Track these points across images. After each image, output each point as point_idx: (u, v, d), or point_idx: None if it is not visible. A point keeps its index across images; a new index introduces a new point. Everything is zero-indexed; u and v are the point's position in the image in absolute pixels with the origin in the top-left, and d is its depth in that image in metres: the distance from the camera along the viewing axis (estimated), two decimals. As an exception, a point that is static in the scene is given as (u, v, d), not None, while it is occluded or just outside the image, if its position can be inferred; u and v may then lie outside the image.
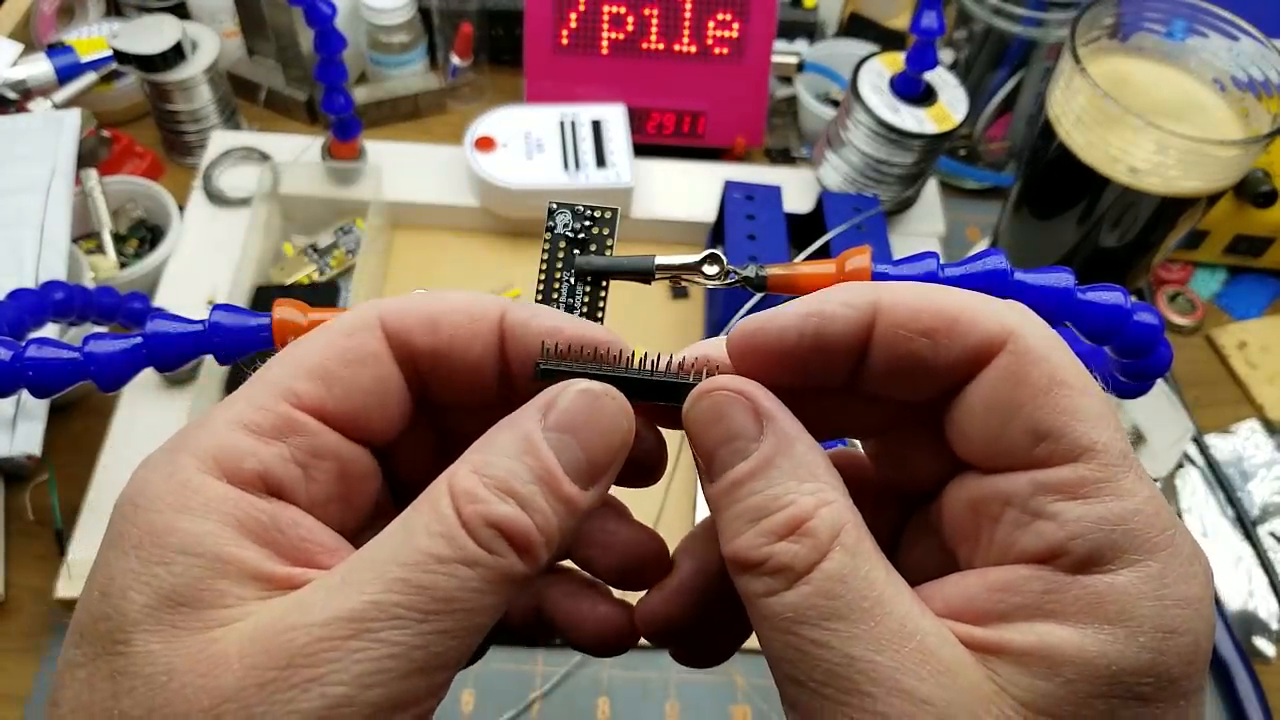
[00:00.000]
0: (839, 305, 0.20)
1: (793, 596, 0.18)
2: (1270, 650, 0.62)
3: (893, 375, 0.21)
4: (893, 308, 0.20)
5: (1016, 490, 0.19)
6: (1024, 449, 0.19)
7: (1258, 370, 0.74)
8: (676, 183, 0.76)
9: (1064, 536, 0.18)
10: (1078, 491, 0.18)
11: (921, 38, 0.65)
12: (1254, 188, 0.72)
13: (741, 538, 0.19)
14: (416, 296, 0.22)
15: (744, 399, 0.21)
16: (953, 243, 0.79)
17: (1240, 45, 0.61)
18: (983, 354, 0.20)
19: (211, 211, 0.72)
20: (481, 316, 0.22)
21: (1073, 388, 0.19)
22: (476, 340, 0.22)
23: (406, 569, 0.18)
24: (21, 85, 0.72)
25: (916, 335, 0.20)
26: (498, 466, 0.19)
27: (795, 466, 0.20)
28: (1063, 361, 0.19)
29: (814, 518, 0.19)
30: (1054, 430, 0.19)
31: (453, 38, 0.83)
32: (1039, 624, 0.18)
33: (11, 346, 0.31)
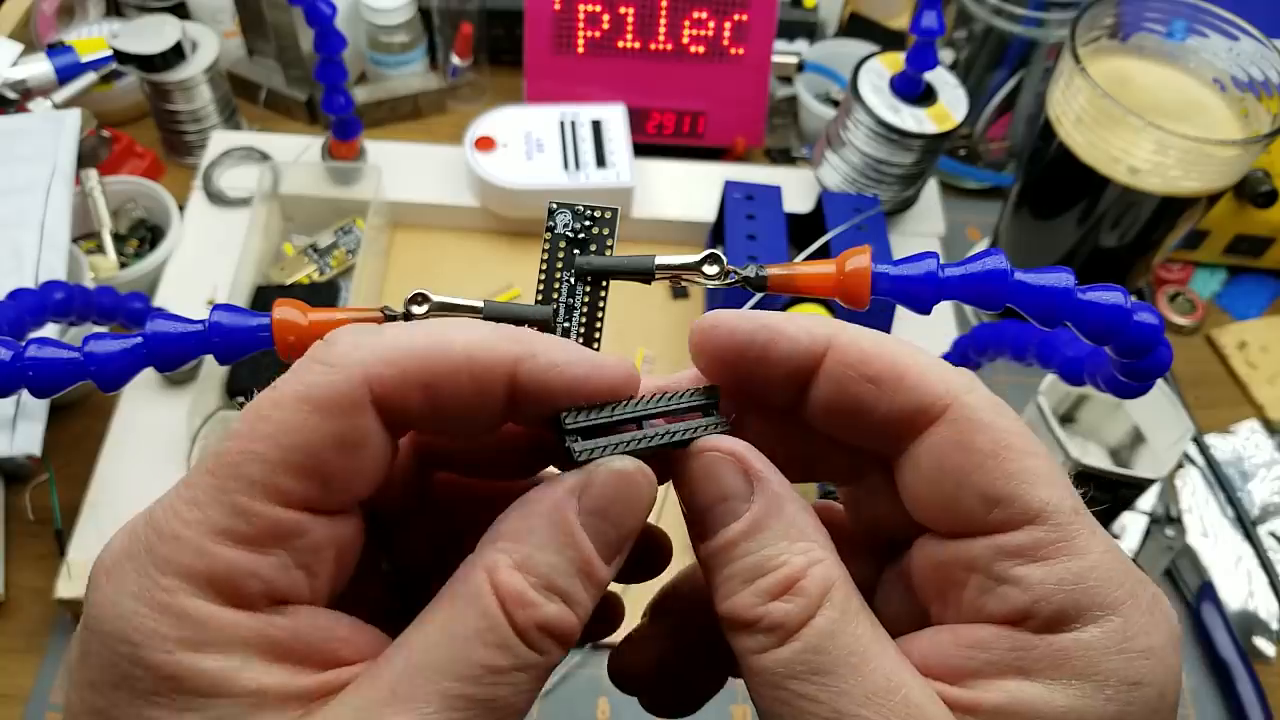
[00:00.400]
0: (796, 328, 0.21)
1: (784, 653, 0.19)
2: (1270, 650, 0.62)
3: (835, 413, 0.21)
4: (846, 347, 0.21)
5: (978, 555, 0.20)
6: (978, 515, 0.20)
7: (1258, 370, 0.74)
8: (676, 183, 0.76)
9: (1030, 600, 0.19)
10: (1036, 554, 0.19)
11: (921, 38, 0.65)
12: (1254, 188, 0.72)
13: (737, 597, 0.20)
14: (406, 346, 0.19)
15: (734, 459, 0.21)
16: (953, 243, 0.79)
17: (1240, 45, 0.61)
18: (923, 414, 0.20)
19: (211, 211, 0.72)
20: (488, 376, 0.19)
21: (1019, 451, 0.19)
22: (483, 407, 0.20)
23: (465, 684, 0.18)
24: (21, 85, 0.72)
25: (862, 379, 0.20)
26: (541, 563, 0.19)
27: (786, 527, 0.20)
28: (1007, 426, 0.20)
29: (805, 577, 0.19)
30: (1005, 495, 0.19)
31: (453, 37, 0.83)
32: (1009, 681, 0.19)
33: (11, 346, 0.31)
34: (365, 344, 0.19)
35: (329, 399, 0.18)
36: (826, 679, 0.18)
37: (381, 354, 0.19)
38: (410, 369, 0.19)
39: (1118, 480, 0.57)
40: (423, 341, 0.19)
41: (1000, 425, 0.20)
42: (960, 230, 0.81)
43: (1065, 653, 0.18)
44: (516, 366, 0.20)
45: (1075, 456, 0.56)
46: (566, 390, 0.20)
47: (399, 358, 0.19)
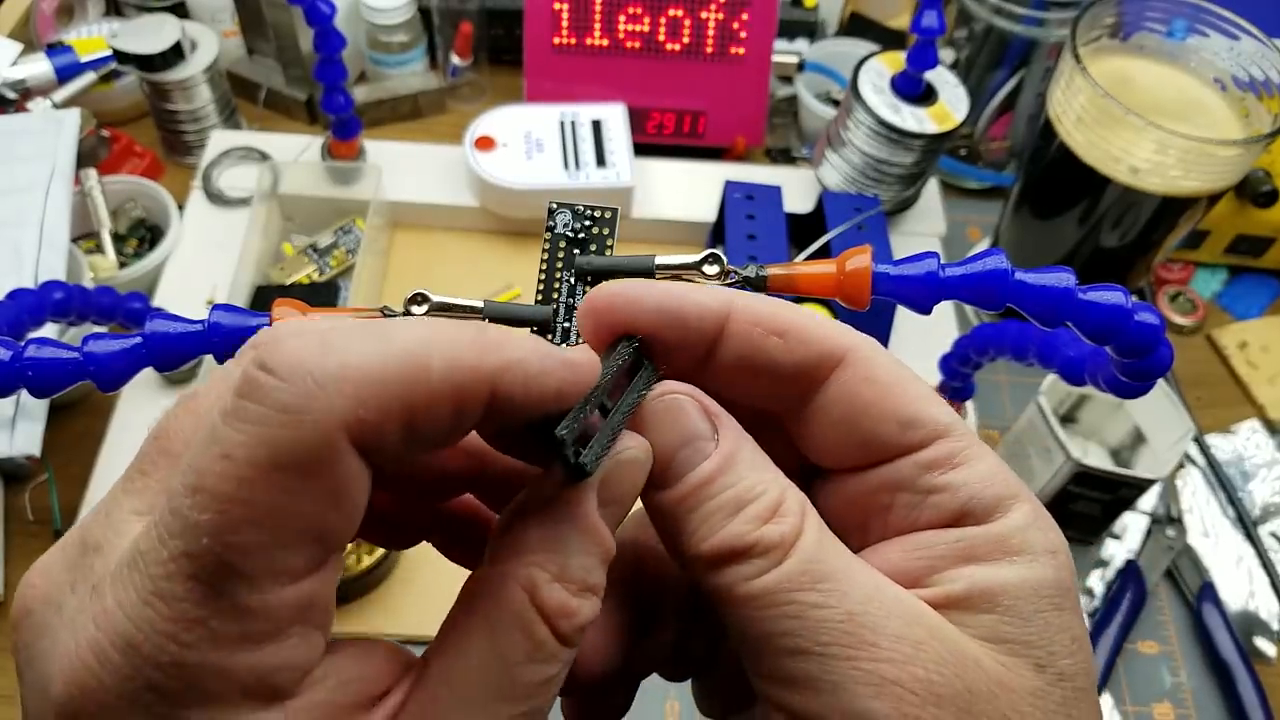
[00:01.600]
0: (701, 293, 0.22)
1: (785, 569, 0.20)
2: (1271, 650, 0.61)
3: (742, 372, 0.22)
4: (747, 306, 0.22)
5: (903, 476, 0.21)
6: (894, 438, 0.21)
7: (1258, 370, 0.74)
8: (676, 183, 0.76)
9: (962, 499, 0.21)
10: (952, 462, 0.21)
11: (922, 37, 0.65)
12: (1255, 187, 0.72)
13: (725, 530, 0.20)
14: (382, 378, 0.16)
15: (696, 401, 0.21)
16: (953, 242, 0.79)
17: (1241, 45, 0.61)
18: (828, 359, 0.22)
19: (211, 211, 0.72)
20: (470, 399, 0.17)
21: (911, 381, 0.22)
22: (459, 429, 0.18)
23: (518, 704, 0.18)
24: (21, 85, 0.72)
25: (768, 333, 0.22)
26: (577, 568, 0.20)
27: (753, 458, 0.21)
28: (895, 363, 0.22)
29: (786, 500, 0.21)
30: (915, 417, 0.21)
31: (453, 37, 0.83)
32: (964, 569, 0.20)
33: (11, 346, 0.31)
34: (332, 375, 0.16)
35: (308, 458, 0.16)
36: (829, 584, 0.19)
37: (356, 388, 0.16)
38: (391, 406, 0.16)
39: (1119, 480, 0.57)
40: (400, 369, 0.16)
41: (890, 365, 0.22)
42: (961, 230, 0.81)
43: (1001, 536, 0.21)
44: (496, 383, 0.18)
45: (1076, 457, 0.56)
46: (546, 400, 0.19)
47: (377, 394, 0.16)
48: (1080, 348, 0.43)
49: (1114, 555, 0.64)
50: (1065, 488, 0.58)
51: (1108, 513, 0.61)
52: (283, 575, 0.16)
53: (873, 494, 0.22)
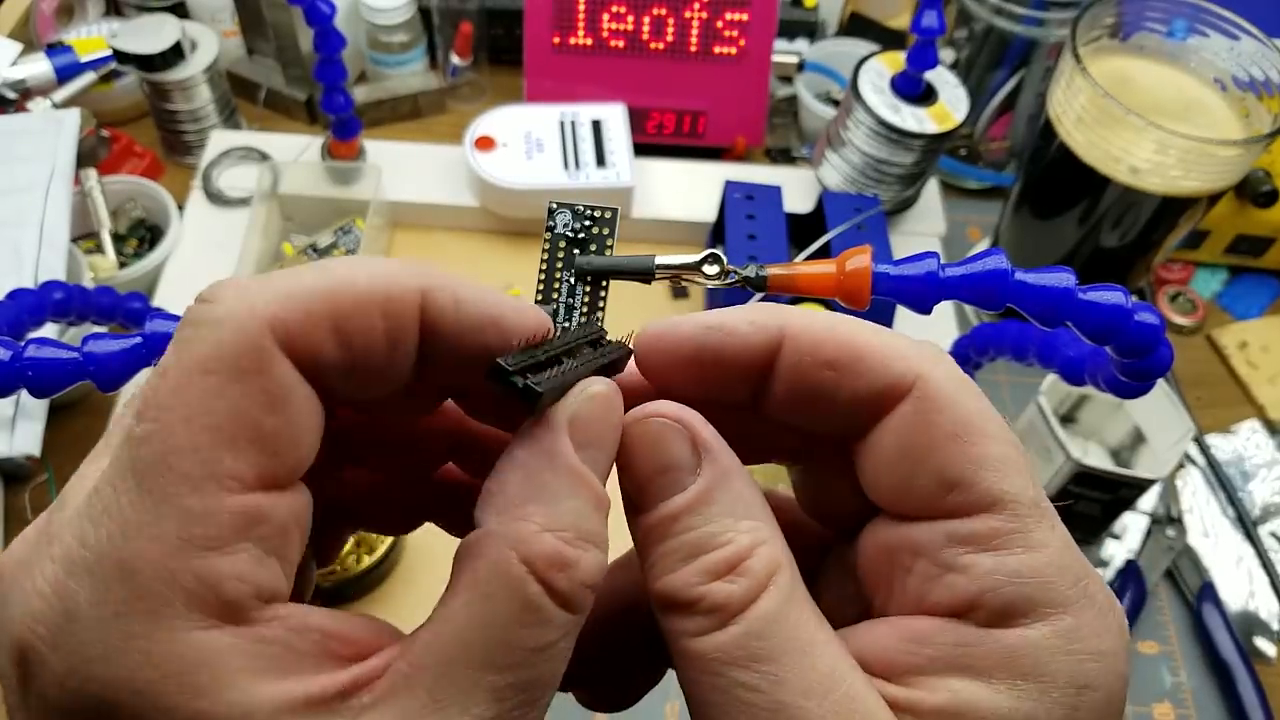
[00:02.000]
0: (745, 324, 0.20)
1: (723, 637, 0.18)
2: (1271, 650, 0.61)
3: (797, 403, 0.20)
4: (799, 334, 0.20)
5: (928, 540, 0.19)
6: (934, 498, 0.19)
7: (1258, 370, 0.74)
8: (676, 183, 0.76)
9: (976, 590, 0.18)
10: (989, 544, 0.18)
11: (922, 37, 0.65)
12: (1255, 187, 0.72)
13: (675, 575, 0.19)
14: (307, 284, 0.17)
15: (682, 427, 0.20)
16: (953, 242, 0.79)
17: (1241, 45, 0.61)
18: (888, 396, 0.19)
19: (211, 211, 0.72)
20: (399, 308, 0.18)
21: (982, 434, 0.19)
22: (399, 343, 0.18)
23: (509, 672, 0.17)
24: (21, 85, 0.72)
25: (820, 366, 0.19)
26: (567, 513, 0.18)
27: (733, 502, 0.19)
28: (972, 407, 0.19)
29: (751, 557, 0.18)
30: (963, 480, 0.18)
31: (452, 37, 0.83)
32: (952, 679, 0.18)
33: (11, 346, 0.31)
34: (254, 289, 0.17)
35: (236, 358, 0.16)
36: (768, 667, 0.17)
37: (278, 295, 0.17)
38: (314, 308, 0.17)
39: (1119, 480, 0.57)
40: (324, 278, 0.17)
41: (964, 405, 0.19)
42: (961, 230, 0.81)
43: (1012, 651, 0.18)
44: (425, 299, 0.18)
45: (1076, 457, 0.56)
46: (482, 327, 0.18)
47: (300, 296, 0.17)
48: (1080, 348, 0.43)
49: (1114, 555, 0.64)
50: (1065, 488, 0.58)
51: (1108, 513, 0.61)
52: (226, 480, 0.16)
53: (900, 550, 0.19)
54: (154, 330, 0.30)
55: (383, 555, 0.56)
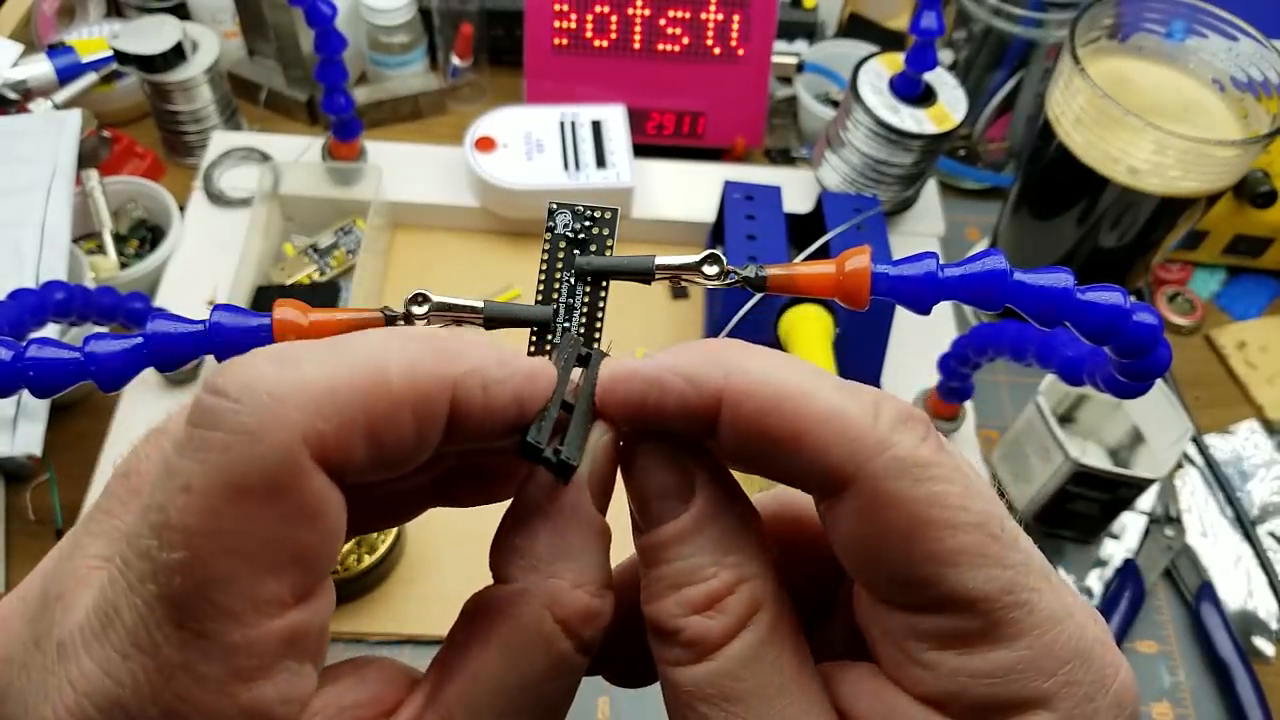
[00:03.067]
0: (682, 381, 0.19)
1: (697, 672, 0.18)
2: (1269, 650, 0.62)
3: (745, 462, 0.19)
4: (737, 400, 0.18)
5: (893, 628, 0.18)
6: (894, 593, 0.18)
7: (1257, 370, 0.74)
8: (676, 183, 0.76)
9: (943, 689, 0.17)
10: (955, 643, 0.17)
11: (921, 38, 0.65)
12: (1253, 188, 0.72)
13: (660, 603, 0.19)
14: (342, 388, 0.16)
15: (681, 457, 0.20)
16: (952, 243, 0.79)
17: (1239, 46, 0.61)
18: (830, 484, 0.18)
19: (212, 212, 0.72)
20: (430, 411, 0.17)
21: (940, 527, 0.17)
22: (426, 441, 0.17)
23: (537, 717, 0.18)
24: (22, 85, 0.72)
25: (757, 437, 0.18)
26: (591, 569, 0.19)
27: (721, 536, 0.19)
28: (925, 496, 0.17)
29: (732, 594, 0.18)
30: (918, 580, 0.17)
31: (453, 38, 0.83)
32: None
33: (12, 346, 0.31)
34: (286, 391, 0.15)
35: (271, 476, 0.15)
36: (734, 707, 0.18)
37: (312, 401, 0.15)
38: (351, 418, 0.16)
39: (1117, 480, 0.57)
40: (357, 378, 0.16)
41: (916, 498, 0.17)
42: (960, 230, 0.81)
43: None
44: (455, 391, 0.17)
45: (1074, 457, 0.56)
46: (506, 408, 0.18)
47: (335, 405, 0.16)
48: (1079, 348, 0.43)
49: (1112, 555, 0.64)
50: (1064, 487, 0.58)
51: (1106, 512, 0.61)
52: (267, 605, 0.15)
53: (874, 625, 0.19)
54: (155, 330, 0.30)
55: (382, 555, 0.56)
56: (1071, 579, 0.64)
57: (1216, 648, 0.60)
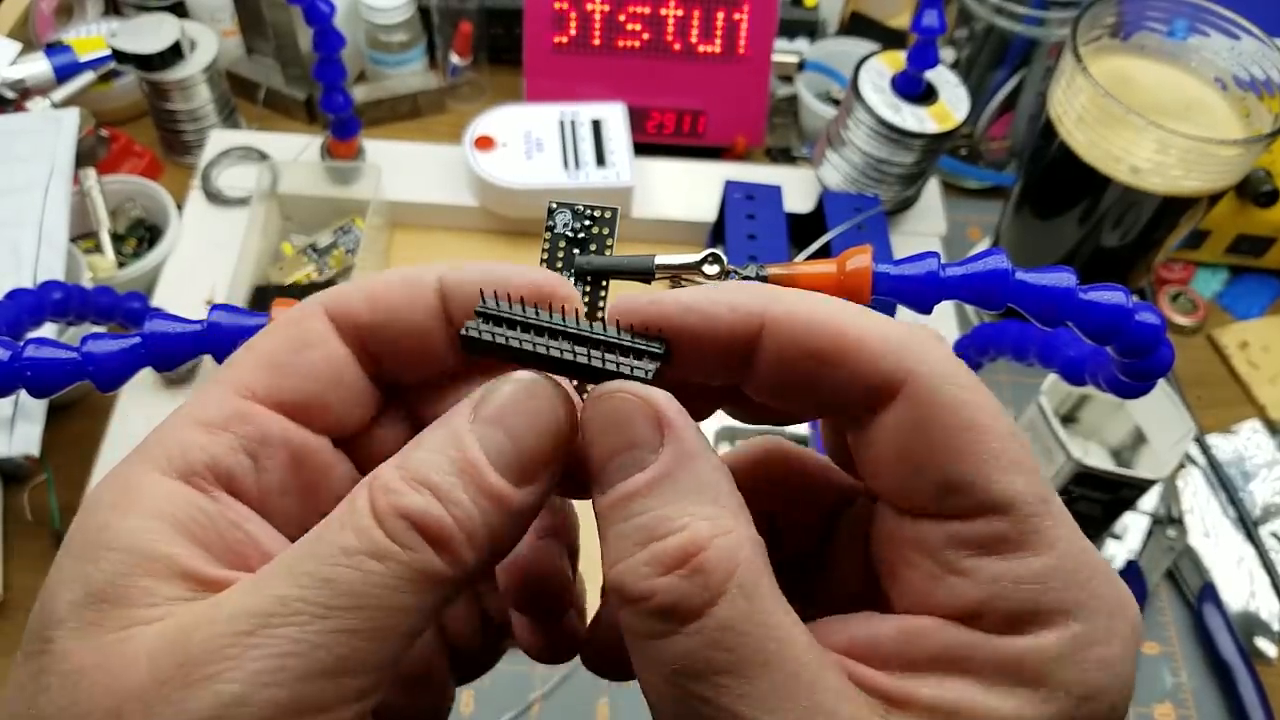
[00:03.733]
0: (724, 307, 0.19)
1: (682, 645, 0.17)
2: (1272, 651, 0.61)
3: (781, 392, 0.19)
4: (780, 322, 0.19)
5: (931, 540, 0.18)
6: (935, 500, 0.18)
7: (1259, 370, 0.74)
8: (676, 182, 0.76)
9: (982, 596, 0.17)
10: (995, 548, 0.17)
11: (923, 36, 0.65)
12: (1256, 187, 0.72)
13: (625, 562, 0.18)
14: (359, 279, 0.21)
15: (647, 405, 0.19)
16: (954, 242, 0.79)
17: (1242, 44, 0.61)
18: (877, 393, 0.18)
19: (210, 211, 0.72)
20: (418, 282, 0.21)
21: (983, 431, 0.18)
22: (417, 307, 0.21)
23: (313, 562, 0.17)
24: (20, 84, 0.72)
25: (803, 358, 0.18)
26: (418, 460, 0.18)
27: (695, 485, 0.18)
28: (969, 400, 0.18)
29: (708, 548, 0.17)
30: (964, 483, 0.17)
31: (452, 36, 0.83)
32: (950, 679, 0.17)
33: (10, 346, 0.31)
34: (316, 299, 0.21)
35: (289, 314, 0.21)
36: (729, 680, 0.16)
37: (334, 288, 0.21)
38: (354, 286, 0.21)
39: (1119, 481, 0.57)
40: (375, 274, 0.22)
41: (961, 402, 0.18)
42: (961, 230, 0.81)
43: (1017, 658, 0.17)
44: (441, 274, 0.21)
45: (1077, 457, 0.56)
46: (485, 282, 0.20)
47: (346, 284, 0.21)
48: (1081, 348, 0.43)
49: (1115, 556, 0.64)
50: (1066, 488, 0.58)
51: (1108, 513, 0.61)
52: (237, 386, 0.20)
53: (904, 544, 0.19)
54: (153, 330, 0.30)
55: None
56: (1073, 579, 0.63)
57: (1219, 649, 0.60)
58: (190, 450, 0.19)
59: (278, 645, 0.16)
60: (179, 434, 0.19)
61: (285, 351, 0.20)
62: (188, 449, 0.19)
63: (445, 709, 0.24)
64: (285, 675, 0.16)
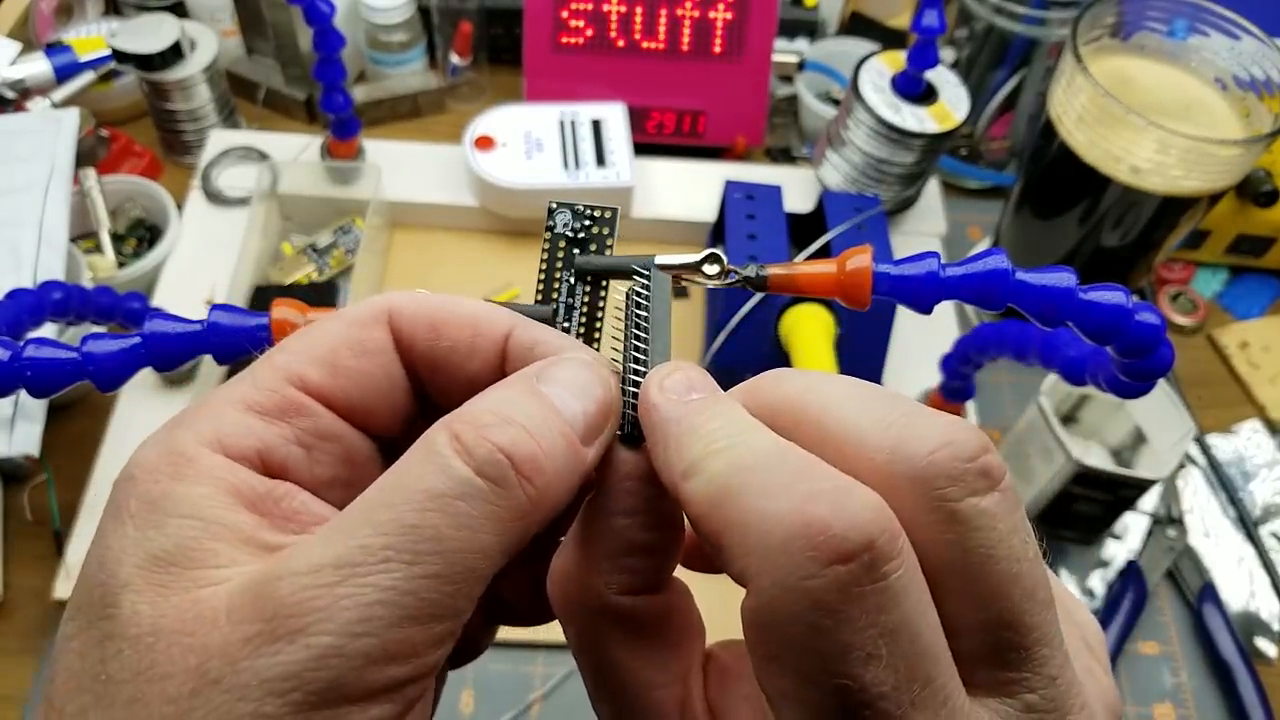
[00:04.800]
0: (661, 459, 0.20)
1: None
2: (1272, 651, 0.61)
3: None
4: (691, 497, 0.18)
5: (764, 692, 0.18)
6: None
7: (1259, 370, 0.74)
8: (676, 182, 0.76)
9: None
10: None
11: (923, 36, 0.65)
12: (1256, 187, 0.72)
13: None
14: (426, 297, 0.22)
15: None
16: (954, 242, 0.79)
17: (1242, 44, 0.61)
18: None
19: (210, 211, 0.72)
20: (486, 333, 0.22)
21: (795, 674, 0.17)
22: (476, 356, 0.22)
23: (395, 509, 0.17)
24: (20, 84, 0.72)
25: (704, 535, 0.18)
26: (499, 399, 0.19)
27: None
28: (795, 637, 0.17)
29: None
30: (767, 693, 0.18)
31: (452, 36, 0.83)
32: None
33: (9, 346, 0.31)
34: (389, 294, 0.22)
35: (353, 313, 0.21)
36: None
37: (404, 296, 0.22)
38: (422, 308, 0.22)
39: (1119, 480, 0.57)
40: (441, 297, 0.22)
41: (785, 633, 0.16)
42: (961, 230, 0.81)
43: None
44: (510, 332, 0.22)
45: (1077, 457, 0.56)
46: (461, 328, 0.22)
47: (415, 299, 0.22)
48: (1081, 348, 0.43)
49: (1115, 555, 0.64)
50: (1066, 488, 0.58)
51: (1109, 513, 0.61)
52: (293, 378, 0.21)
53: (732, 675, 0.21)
54: (153, 330, 0.30)
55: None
56: (1074, 580, 0.63)
57: (1219, 649, 0.60)
58: (242, 434, 0.19)
59: (366, 594, 0.16)
60: (227, 414, 0.20)
61: (347, 353, 0.21)
62: (239, 432, 0.19)
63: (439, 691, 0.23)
64: (376, 624, 0.16)
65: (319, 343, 0.21)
